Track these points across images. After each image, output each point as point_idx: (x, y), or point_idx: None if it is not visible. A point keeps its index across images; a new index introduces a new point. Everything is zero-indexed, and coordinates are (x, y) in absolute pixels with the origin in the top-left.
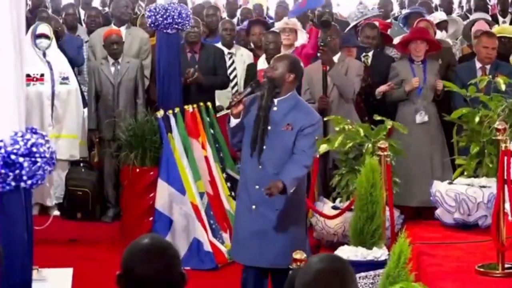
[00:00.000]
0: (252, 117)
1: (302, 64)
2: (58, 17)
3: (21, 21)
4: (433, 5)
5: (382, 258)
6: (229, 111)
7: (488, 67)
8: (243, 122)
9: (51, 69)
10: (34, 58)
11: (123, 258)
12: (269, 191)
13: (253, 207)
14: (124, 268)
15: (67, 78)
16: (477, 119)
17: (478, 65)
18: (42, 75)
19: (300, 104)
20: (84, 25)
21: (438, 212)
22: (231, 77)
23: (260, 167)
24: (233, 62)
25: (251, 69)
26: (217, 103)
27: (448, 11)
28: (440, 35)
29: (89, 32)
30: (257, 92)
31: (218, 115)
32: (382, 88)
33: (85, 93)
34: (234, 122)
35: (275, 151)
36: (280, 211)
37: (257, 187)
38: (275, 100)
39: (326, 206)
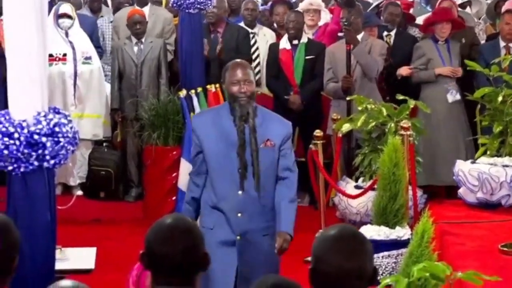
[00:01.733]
0: (217, 140)
1: None
2: None
3: (43, 1)
4: None
5: (405, 237)
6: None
7: None
8: (201, 150)
9: (73, 48)
10: (57, 38)
11: (146, 237)
12: (282, 250)
13: (238, 238)
14: (148, 247)
15: (89, 58)
16: (500, 98)
17: (502, 43)
18: (64, 54)
19: (267, 113)
20: (109, 5)
21: (461, 191)
22: (254, 56)
23: (240, 192)
24: (255, 42)
25: (273, 48)
26: None
27: None
28: (467, 10)
29: (114, 12)
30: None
31: None
32: (404, 72)
33: (108, 73)
34: None
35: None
36: (269, 235)
37: (239, 215)
38: None
39: (349, 186)
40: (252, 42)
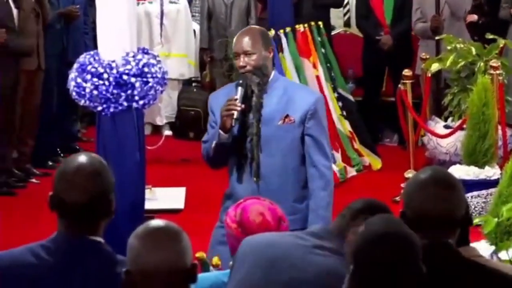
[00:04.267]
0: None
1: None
2: None
3: None
4: None
5: (495, 177)
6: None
7: None
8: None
9: None
10: None
11: None
12: None
13: None
14: None
15: None
16: None
17: None
18: None
19: (289, 83)
20: None
21: None
22: None
23: (255, 179)
24: None
25: None
26: None
27: None
28: None
29: None
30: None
31: None
32: None
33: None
34: (224, 137)
35: (275, 155)
36: (293, 230)
37: None
38: None
39: (438, 125)
40: None
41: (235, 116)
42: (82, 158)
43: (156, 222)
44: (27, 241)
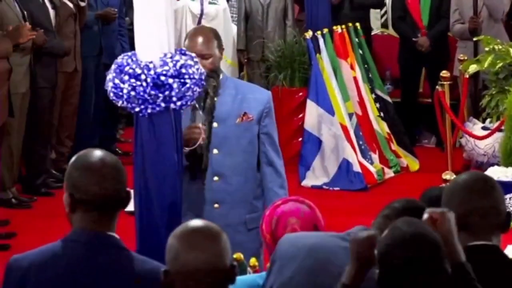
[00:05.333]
0: (186, 116)
1: None
2: None
3: None
4: None
5: None
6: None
7: None
8: None
9: None
10: None
11: None
12: None
13: None
14: None
15: None
16: None
17: None
18: None
19: (241, 84)
20: None
21: None
22: None
23: (216, 178)
24: None
25: None
26: None
27: None
28: None
29: None
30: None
31: None
32: None
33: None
34: (185, 151)
35: (235, 154)
36: (253, 229)
37: (216, 205)
38: None
39: (476, 127)
40: None
41: (197, 144)
42: (98, 153)
43: (195, 222)
44: None
